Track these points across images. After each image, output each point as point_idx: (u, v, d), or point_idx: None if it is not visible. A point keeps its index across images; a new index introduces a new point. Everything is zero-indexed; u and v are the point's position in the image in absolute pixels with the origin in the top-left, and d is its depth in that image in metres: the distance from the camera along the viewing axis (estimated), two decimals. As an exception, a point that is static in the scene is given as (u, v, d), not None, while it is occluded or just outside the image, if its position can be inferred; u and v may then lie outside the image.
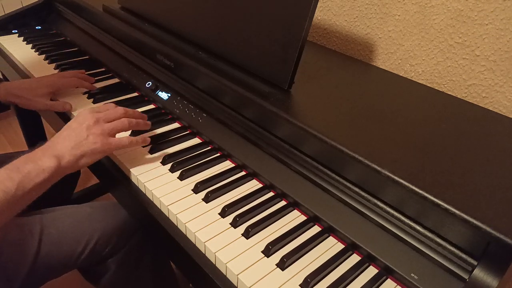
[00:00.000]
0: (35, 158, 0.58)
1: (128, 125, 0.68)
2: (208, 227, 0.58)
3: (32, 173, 0.56)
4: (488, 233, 0.44)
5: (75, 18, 1.17)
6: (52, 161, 0.58)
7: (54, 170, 0.58)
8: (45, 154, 0.59)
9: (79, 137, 0.62)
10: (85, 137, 0.62)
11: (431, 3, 0.81)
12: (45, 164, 0.57)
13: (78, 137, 0.62)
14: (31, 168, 0.56)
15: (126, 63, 0.97)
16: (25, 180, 0.55)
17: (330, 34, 1.04)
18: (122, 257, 0.80)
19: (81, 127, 0.63)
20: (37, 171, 0.56)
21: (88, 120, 0.64)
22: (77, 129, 0.63)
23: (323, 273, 0.52)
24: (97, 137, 0.63)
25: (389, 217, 0.54)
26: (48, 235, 0.71)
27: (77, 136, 0.62)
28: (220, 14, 0.79)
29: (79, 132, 0.62)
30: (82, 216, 0.77)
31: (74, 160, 0.61)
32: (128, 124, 0.68)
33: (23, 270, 0.67)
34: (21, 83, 0.85)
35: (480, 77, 0.78)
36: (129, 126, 0.68)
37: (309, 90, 0.73)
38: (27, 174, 0.56)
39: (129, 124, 0.68)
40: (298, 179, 0.63)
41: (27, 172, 0.56)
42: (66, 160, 0.60)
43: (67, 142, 0.61)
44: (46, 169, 0.57)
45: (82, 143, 0.62)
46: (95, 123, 0.64)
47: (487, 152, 0.59)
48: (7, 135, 2.02)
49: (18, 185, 0.54)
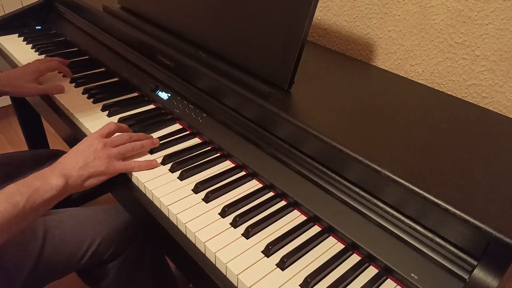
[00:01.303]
0: (44, 176, 0.60)
1: (132, 149, 0.70)
2: (208, 227, 0.58)
3: (41, 190, 0.58)
4: (488, 233, 0.44)
5: (75, 18, 1.17)
6: (60, 180, 0.60)
7: (62, 188, 0.60)
8: (54, 172, 0.61)
9: (87, 159, 0.65)
10: (92, 159, 0.65)
11: (431, 3, 0.81)
12: (53, 182, 0.60)
13: (85, 159, 0.65)
14: (40, 185, 0.59)
15: (126, 63, 0.97)
16: (34, 196, 0.57)
17: (330, 34, 1.04)
18: (123, 260, 0.80)
19: (89, 150, 0.66)
20: (45, 188, 0.59)
21: (96, 145, 0.67)
22: (85, 151, 0.66)
23: (323, 273, 0.52)
24: (104, 160, 0.66)
25: (389, 217, 0.54)
26: (52, 236, 0.71)
27: (85, 158, 0.65)
28: (220, 14, 0.79)
29: (87, 155, 0.65)
30: (85, 219, 0.77)
31: (81, 181, 0.64)
32: (132, 148, 0.70)
33: (25, 271, 0.67)
34: (8, 73, 0.89)
35: (480, 77, 0.78)
36: (133, 150, 0.70)
37: (309, 90, 0.73)
38: (36, 190, 0.58)
39: (133, 148, 0.70)
40: (298, 179, 0.63)
41: (36, 188, 0.58)
42: (73, 180, 0.63)
43: (75, 163, 0.64)
44: (54, 186, 0.59)
45: (89, 165, 0.64)
46: (102, 148, 0.67)
47: (487, 152, 0.59)
48: (7, 135, 2.02)
49: (27, 200, 0.56)
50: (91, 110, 0.84)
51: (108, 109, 0.84)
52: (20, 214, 0.55)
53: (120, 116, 0.82)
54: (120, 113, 0.83)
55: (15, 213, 0.54)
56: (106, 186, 0.70)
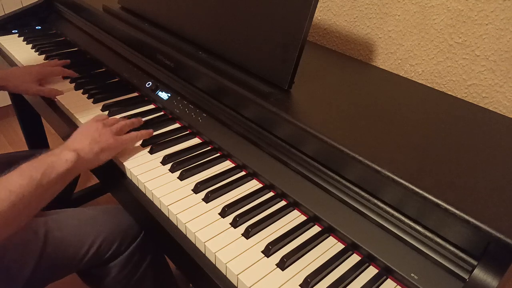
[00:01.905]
0: (55, 153, 0.62)
1: (131, 124, 0.75)
2: (208, 227, 0.58)
3: (55, 164, 0.60)
4: (488, 233, 0.44)
5: (75, 18, 1.17)
6: (72, 154, 0.62)
7: (75, 160, 0.62)
8: (64, 150, 0.63)
9: (93, 136, 0.67)
10: (98, 136, 0.68)
11: (431, 3, 0.81)
12: (67, 156, 0.62)
13: (92, 137, 0.67)
14: (54, 160, 0.60)
15: (126, 63, 0.97)
16: (49, 170, 0.59)
17: (330, 34, 1.04)
18: (123, 260, 0.80)
19: (90, 130, 0.69)
20: (59, 162, 0.60)
21: (95, 125, 0.70)
22: (88, 132, 0.68)
23: (323, 273, 0.52)
24: (108, 134, 0.69)
25: (389, 217, 0.54)
26: (53, 237, 0.71)
27: (91, 136, 0.67)
28: (220, 14, 0.79)
29: (91, 133, 0.68)
30: (86, 219, 0.77)
31: (94, 153, 0.66)
32: (126, 124, 0.75)
33: (26, 271, 0.67)
34: (9, 70, 0.91)
35: (480, 77, 0.78)
36: (130, 124, 0.75)
37: (309, 90, 0.73)
38: (50, 164, 0.59)
39: (127, 123, 0.75)
40: (298, 179, 0.63)
41: (50, 162, 0.60)
42: (85, 153, 0.65)
43: (84, 140, 0.66)
44: (69, 159, 0.61)
45: (97, 140, 0.67)
46: (103, 126, 0.70)
47: (487, 152, 0.59)
48: (7, 135, 2.02)
49: (43, 174, 0.57)
50: (91, 110, 0.84)
51: (108, 109, 0.84)
52: (38, 189, 0.56)
53: (120, 116, 0.82)
54: (120, 113, 0.83)
55: (32, 187, 0.55)
56: (106, 186, 0.70)
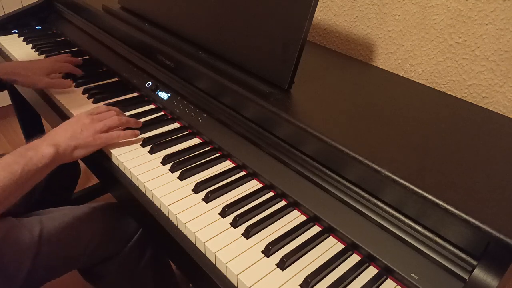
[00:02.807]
0: (35, 146, 0.63)
1: (118, 121, 0.74)
2: (208, 227, 0.58)
3: (34, 159, 0.61)
4: (488, 233, 0.44)
5: (75, 18, 1.17)
6: (51, 149, 0.63)
7: (53, 156, 0.63)
8: (43, 143, 0.65)
9: (75, 131, 0.69)
10: (80, 131, 0.69)
11: (431, 3, 0.81)
12: (44, 151, 0.63)
13: (73, 131, 0.68)
14: (33, 154, 0.62)
15: (126, 63, 0.97)
16: (29, 164, 0.60)
17: (330, 34, 1.04)
18: (122, 257, 0.80)
19: (77, 123, 0.70)
20: (38, 157, 0.62)
21: (84, 119, 0.71)
22: (73, 124, 0.70)
23: (323, 273, 0.52)
24: (90, 132, 0.69)
25: (389, 217, 0.54)
26: (48, 235, 0.71)
27: (73, 130, 0.69)
28: (220, 14, 0.79)
29: (75, 127, 0.69)
30: (82, 217, 0.77)
31: (70, 150, 0.67)
32: (118, 121, 0.73)
33: (23, 270, 0.67)
34: (19, 62, 0.93)
35: (480, 77, 0.78)
36: (119, 122, 0.74)
37: (309, 90, 0.73)
38: (29, 159, 0.61)
39: (119, 121, 0.74)
40: (298, 179, 0.63)
41: (29, 157, 0.61)
42: (62, 149, 0.66)
43: (64, 134, 0.68)
44: (46, 155, 0.63)
45: (77, 136, 0.68)
46: (90, 122, 0.71)
47: (487, 152, 0.59)
48: (7, 135, 2.02)
49: (23, 168, 0.59)
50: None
51: (108, 109, 0.83)
52: (18, 182, 0.59)
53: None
54: (120, 113, 0.83)
55: (13, 181, 0.58)
56: (106, 186, 0.70)
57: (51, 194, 0.98)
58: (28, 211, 0.77)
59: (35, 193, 0.92)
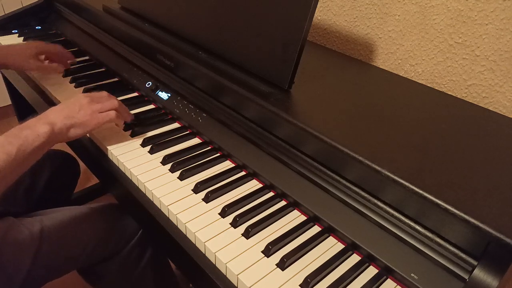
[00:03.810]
0: (30, 125, 0.63)
1: (118, 104, 0.73)
2: (208, 227, 0.58)
3: (30, 138, 0.61)
4: (488, 233, 0.44)
5: (75, 18, 1.17)
6: (46, 127, 0.63)
7: (48, 135, 0.63)
8: (39, 121, 0.64)
9: (72, 110, 0.68)
10: (77, 111, 0.68)
11: (431, 3, 0.81)
12: (40, 130, 0.62)
13: (70, 110, 0.68)
14: (28, 133, 0.61)
15: (126, 63, 0.97)
16: (24, 144, 0.60)
17: (330, 34, 1.04)
18: (122, 258, 0.80)
19: (75, 103, 0.69)
20: (33, 136, 0.61)
21: (82, 99, 0.70)
22: (71, 104, 0.69)
23: (323, 273, 0.52)
24: (88, 111, 0.69)
25: (389, 217, 0.54)
26: (48, 235, 0.71)
27: (70, 109, 0.68)
28: (220, 14, 0.79)
29: (72, 107, 0.68)
30: (82, 217, 0.77)
31: (65, 129, 0.66)
32: (118, 104, 0.73)
33: (23, 270, 0.67)
34: (9, 46, 0.92)
35: (480, 77, 0.78)
36: (119, 106, 0.73)
37: (309, 90, 0.73)
38: (25, 139, 0.60)
39: (119, 104, 0.73)
40: (298, 179, 0.63)
41: (24, 137, 0.60)
42: (58, 127, 0.65)
43: (60, 113, 0.67)
44: (41, 134, 0.62)
45: (74, 115, 0.67)
46: (88, 102, 0.70)
47: (487, 152, 0.59)
48: (7, 135, 2.01)
49: (18, 149, 0.59)
50: (91, 110, 0.84)
51: (108, 109, 0.83)
52: (13, 163, 0.58)
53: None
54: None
55: (9, 162, 0.57)
56: (106, 186, 0.70)
57: (51, 194, 0.98)
58: (28, 211, 0.77)
59: (35, 193, 0.92)
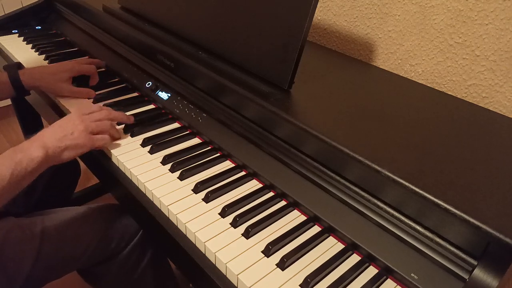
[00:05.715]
0: (23, 149, 0.63)
1: (110, 125, 0.73)
2: (208, 227, 0.58)
3: (24, 162, 0.61)
4: (488, 233, 0.44)
5: (75, 18, 1.17)
6: (40, 151, 0.63)
7: (42, 159, 0.63)
8: (32, 145, 0.64)
9: (65, 132, 0.67)
10: (71, 132, 0.68)
11: (431, 3, 0.81)
12: (33, 154, 0.62)
13: (64, 132, 0.67)
14: (22, 157, 0.61)
15: (126, 63, 0.97)
16: (18, 168, 0.60)
17: (330, 34, 1.04)
18: (122, 258, 0.80)
19: (68, 124, 0.69)
20: (27, 160, 0.61)
21: (75, 119, 0.70)
22: (64, 125, 0.69)
23: (323, 273, 0.52)
24: (81, 133, 0.68)
25: (389, 217, 0.54)
26: (49, 236, 0.71)
27: (63, 131, 0.67)
28: (220, 14, 0.79)
29: (65, 128, 0.68)
30: (83, 218, 0.77)
31: (59, 152, 0.66)
32: (110, 125, 0.73)
33: (24, 271, 0.67)
34: (43, 68, 0.90)
35: (480, 77, 0.78)
36: (111, 126, 0.73)
37: (309, 90, 0.73)
38: (19, 163, 0.60)
39: (111, 125, 0.73)
40: (298, 179, 0.63)
41: (19, 160, 0.61)
42: (52, 151, 0.65)
43: (54, 135, 0.66)
44: (35, 158, 0.62)
45: (67, 137, 0.67)
46: (81, 122, 0.69)
47: (487, 152, 0.59)
48: (7, 135, 2.02)
49: (12, 172, 0.59)
50: (91, 110, 0.84)
51: (108, 109, 0.83)
52: (7, 186, 0.58)
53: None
54: (120, 113, 0.83)
55: (2, 185, 0.58)
56: (106, 186, 0.70)
57: (51, 194, 0.98)
58: (29, 211, 0.77)
59: (35, 193, 0.92)
